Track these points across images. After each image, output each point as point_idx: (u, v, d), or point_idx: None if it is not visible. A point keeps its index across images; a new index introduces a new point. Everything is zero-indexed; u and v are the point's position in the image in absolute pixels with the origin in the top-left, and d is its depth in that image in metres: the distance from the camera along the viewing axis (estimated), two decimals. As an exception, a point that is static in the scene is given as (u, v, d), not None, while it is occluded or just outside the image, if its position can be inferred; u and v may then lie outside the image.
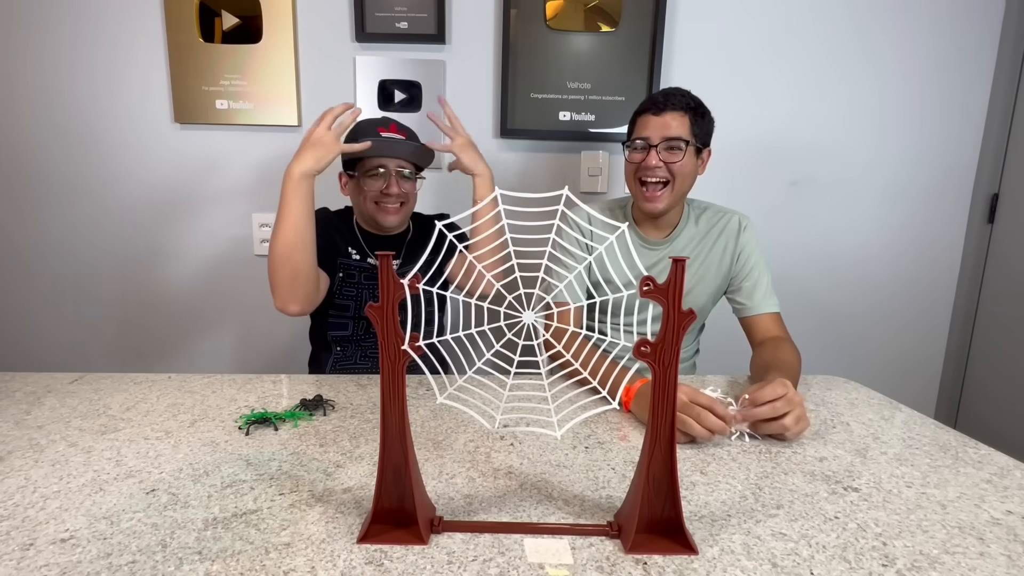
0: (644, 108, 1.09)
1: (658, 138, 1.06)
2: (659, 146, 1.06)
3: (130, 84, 1.53)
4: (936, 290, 1.71)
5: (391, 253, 0.52)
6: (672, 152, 1.06)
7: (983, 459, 0.76)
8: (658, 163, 1.06)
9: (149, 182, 1.58)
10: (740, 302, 1.17)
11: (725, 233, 1.17)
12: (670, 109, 1.06)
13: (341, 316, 1.22)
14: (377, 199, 1.14)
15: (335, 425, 0.82)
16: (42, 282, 1.63)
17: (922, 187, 1.65)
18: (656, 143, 1.06)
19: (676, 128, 1.05)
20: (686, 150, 1.06)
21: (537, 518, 0.60)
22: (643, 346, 0.52)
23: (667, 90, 1.09)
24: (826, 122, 1.60)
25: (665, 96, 1.07)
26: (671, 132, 1.05)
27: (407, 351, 0.52)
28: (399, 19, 1.50)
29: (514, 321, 0.59)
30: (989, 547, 0.56)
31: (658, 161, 1.06)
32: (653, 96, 1.10)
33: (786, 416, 0.77)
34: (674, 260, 0.50)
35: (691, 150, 1.07)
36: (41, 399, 0.90)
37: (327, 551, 0.53)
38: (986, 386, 1.68)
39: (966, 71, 1.59)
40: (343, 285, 1.20)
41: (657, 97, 1.08)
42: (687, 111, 1.06)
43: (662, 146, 1.06)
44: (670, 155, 1.06)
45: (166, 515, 0.58)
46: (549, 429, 0.64)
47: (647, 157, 1.06)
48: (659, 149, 1.06)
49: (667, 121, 1.06)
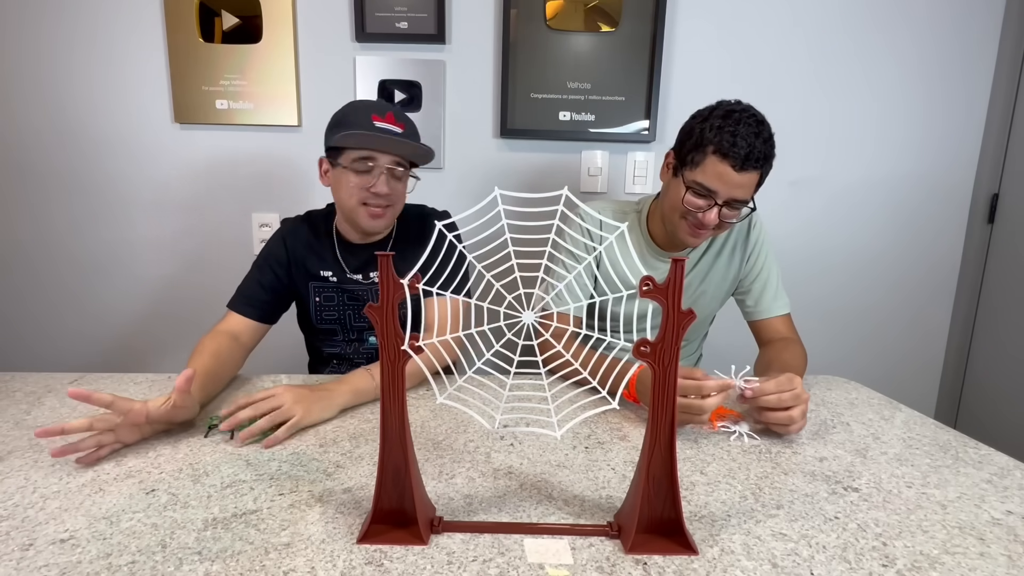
0: (723, 151, 0.92)
1: (726, 196, 0.95)
2: (724, 204, 0.96)
3: (130, 84, 1.53)
4: (936, 290, 1.71)
5: (391, 253, 0.52)
6: (733, 210, 0.97)
7: (983, 459, 0.76)
8: (715, 219, 0.96)
9: (149, 182, 1.58)
10: (749, 306, 1.14)
11: (734, 232, 1.13)
12: (752, 168, 0.93)
13: (330, 339, 1.16)
14: (363, 198, 1.01)
15: (335, 425, 0.82)
16: (42, 282, 1.63)
17: (922, 187, 1.65)
18: (722, 201, 0.95)
19: (747, 190, 0.95)
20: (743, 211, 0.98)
21: (537, 518, 0.60)
22: (643, 346, 0.52)
23: (751, 131, 0.92)
24: (826, 122, 1.60)
25: (750, 149, 0.91)
26: (741, 194, 0.95)
27: (407, 351, 0.52)
28: (399, 19, 1.50)
29: (514, 321, 0.59)
30: (989, 547, 0.56)
31: (716, 219, 0.96)
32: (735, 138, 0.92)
33: (793, 409, 0.77)
34: (673, 260, 0.50)
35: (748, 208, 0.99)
36: (41, 399, 0.90)
37: (327, 551, 0.53)
38: (986, 386, 1.67)
39: (966, 71, 1.59)
40: (322, 309, 1.12)
41: (740, 144, 0.91)
42: (762, 167, 0.95)
43: (726, 204, 0.96)
44: (730, 212, 0.97)
45: (166, 515, 0.58)
46: (549, 429, 0.64)
47: (707, 213, 0.96)
48: (722, 206, 0.96)
49: (744, 181, 0.93)
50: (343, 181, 1.01)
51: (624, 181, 1.62)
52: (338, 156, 1.00)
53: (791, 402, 0.78)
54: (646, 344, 0.52)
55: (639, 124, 1.56)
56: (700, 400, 0.77)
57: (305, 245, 1.11)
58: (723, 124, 0.93)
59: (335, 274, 1.11)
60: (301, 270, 1.11)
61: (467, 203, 1.56)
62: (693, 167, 0.96)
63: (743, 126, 0.92)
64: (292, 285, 1.12)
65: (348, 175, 1.00)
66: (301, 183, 1.57)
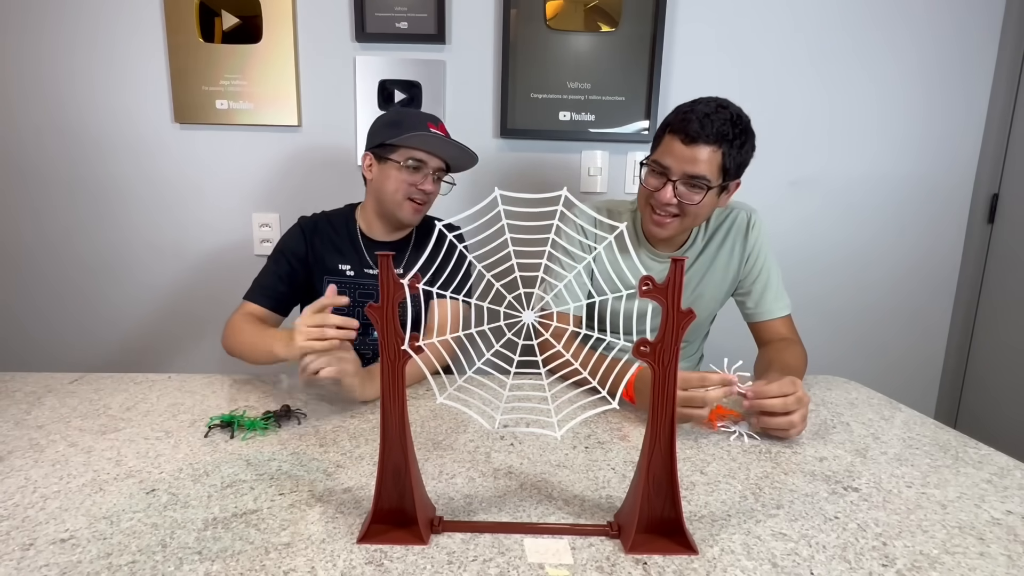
0: (675, 128, 0.93)
1: (679, 172, 0.93)
2: (678, 181, 0.94)
3: (130, 84, 1.53)
4: (936, 290, 1.71)
5: (391, 253, 0.52)
6: (692, 190, 0.94)
7: (983, 459, 0.76)
8: (671, 199, 0.94)
9: (149, 182, 1.58)
10: (749, 307, 1.12)
11: (733, 232, 1.11)
12: (703, 141, 0.90)
13: None
14: (410, 193, 1.09)
15: (335, 425, 0.82)
16: (42, 282, 1.63)
17: (922, 187, 1.65)
18: (676, 177, 0.93)
19: (703, 166, 0.91)
20: (709, 192, 0.94)
21: (537, 518, 0.60)
22: (643, 345, 0.52)
23: (707, 110, 0.91)
24: (826, 122, 1.60)
25: (702, 121, 0.90)
26: (695, 169, 0.91)
27: (407, 351, 0.52)
28: (399, 19, 1.50)
29: (514, 321, 0.59)
30: (989, 547, 0.56)
31: (672, 196, 0.94)
32: (688, 115, 0.91)
33: (794, 413, 0.77)
34: (673, 260, 0.50)
35: (715, 191, 0.95)
36: (41, 399, 0.90)
37: (327, 551, 0.53)
38: (986, 386, 1.67)
39: (966, 71, 1.59)
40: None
41: (692, 119, 0.90)
42: (723, 143, 0.91)
43: (681, 181, 0.93)
44: (688, 193, 0.94)
45: (166, 515, 0.58)
46: (549, 429, 0.64)
47: (662, 190, 0.94)
48: (677, 183, 0.94)
49: (695, 155, 0.91)
50: (392, 176, 1.09)
51: (624, 181, 1.62)
52: (391, 153, 1.08)
53: (793, 406, 0.77)
54: (646, 344, 0.52)
55: (639, 124, 1.56)
56: (703, 392, 0.77)
57: (326, 239, 1.16)
58: (682, 107, 0.95)
59: (353, 268, 1.16)
60: (319, 263, 1.15)
61: (467, 203, 1.56)
62: (654, 151, 0.99)
63: (701, 105, 0.92)
64: (308, 278, 1.16)
65: (399, 171, 1.08)
66: (301, 183, 1.57)
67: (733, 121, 0.92)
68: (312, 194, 1.56)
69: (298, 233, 1.16)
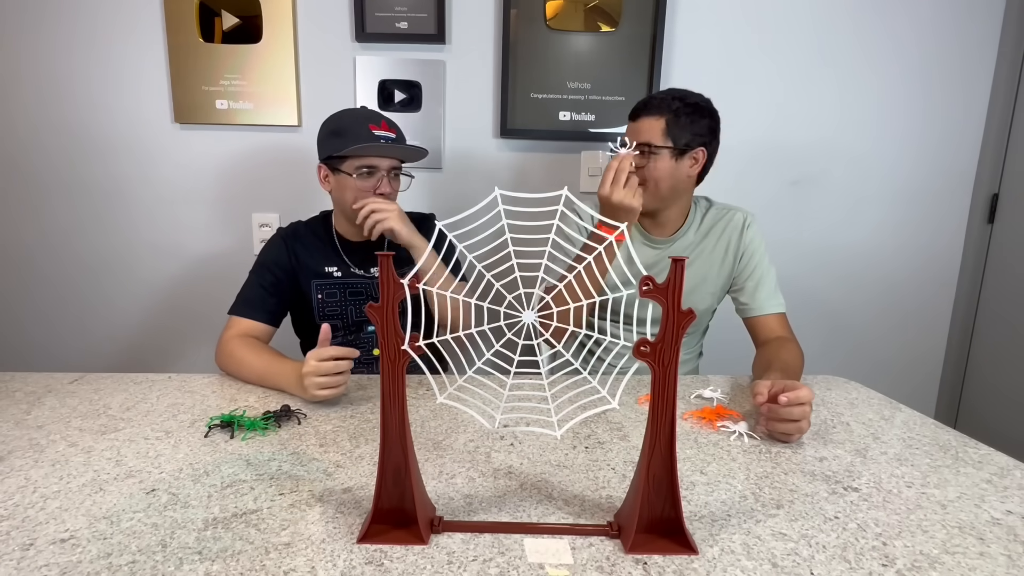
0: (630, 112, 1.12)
1: (631, 143, 1.08)
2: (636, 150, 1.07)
3: (130, 84, 1.53)
4: (936, 290, 1.71)
5: (391, 253, 0.52)
6: (641, 156, 1.08)
7: (983, 459, 0.76)
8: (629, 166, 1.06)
9: (149, 182, 1.58)
10: (743, 302, 1.16)
11: (728, 231, 1.17)
12: (645, 114, 1.08)
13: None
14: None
15: (335, 425, 0.82)
16: (42, 282, 1.63)
17: (922, 187, 1.65)
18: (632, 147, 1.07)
19: (646, 133, 1.07)
20: (658, 155, 1.07)
21: (537, 518, 0.60)
22: (643, 346, 0.52)
23: (656, 93, 1.11)
24: (826, 122, 1.60)
25: (647, 100, 1.09)
26: (639, 137, 1.08)
27: (407, 351, 0.52)
28: (399, 19, 1.50)
29: (514, 321, 0.59)
30: (989, 547, 0.56)
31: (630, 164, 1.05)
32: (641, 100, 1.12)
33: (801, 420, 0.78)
34: (673, 260, 0.50)
35: (665, 154, 1.07)
36: (41, 399, 0.90)
37: (327, 551, 0.53)
38: (986, 386, 1.67)
39: (966, 71, 1.59)
40: (324, 306, 1.16)
41: (640, 101, 1.11)
42: (665, 114, 1.07)
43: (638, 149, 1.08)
44: (639, 159, 1.07)
45: (166, 515, 0.58)
46: (549, 429, 0.64)
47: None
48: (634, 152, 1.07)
49: (640, 127, 1.09)
50: (348, 186, 1.08)
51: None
52: (340, 164, 1.08)
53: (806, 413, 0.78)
54: (646, 344, 0.52)
55: (639, 124, 1.56)
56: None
57: (307, 244, 1.17)
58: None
59: (339, 269, 1.16)
60: (305, 269, 1.15)
61: (467, 203, 1.55)
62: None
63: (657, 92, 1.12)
64: (294, 286, 1.16)
65: (352, 180, 1.07)
66: (301, 183, 1.57)
67: (678, 97, 1.08)
68: (312, 194, 1.55)
69: (279, 242, 1.16)
